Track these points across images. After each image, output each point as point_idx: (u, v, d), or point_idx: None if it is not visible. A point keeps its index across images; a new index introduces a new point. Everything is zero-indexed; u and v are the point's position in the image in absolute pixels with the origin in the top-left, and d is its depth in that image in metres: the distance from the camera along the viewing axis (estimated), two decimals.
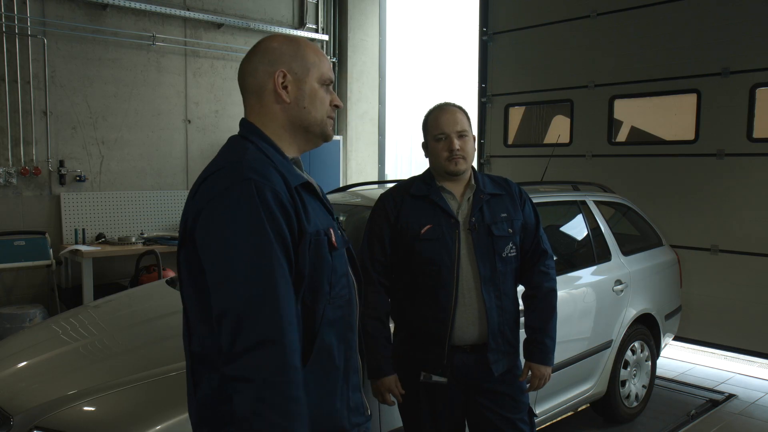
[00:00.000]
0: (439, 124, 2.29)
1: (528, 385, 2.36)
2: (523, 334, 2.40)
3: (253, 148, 1.40)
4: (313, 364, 1.38)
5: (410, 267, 2.26)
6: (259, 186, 1.29)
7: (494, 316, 2.22)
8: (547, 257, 2.37)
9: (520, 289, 2.41)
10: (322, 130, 1.50)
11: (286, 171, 1.38)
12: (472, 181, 2.31)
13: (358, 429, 1.51)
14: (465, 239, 2.22)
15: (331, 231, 1.43)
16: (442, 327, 2.20)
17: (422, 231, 2.22)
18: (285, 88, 1.44)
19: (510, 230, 2.27)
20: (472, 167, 2.37)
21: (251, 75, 1.47)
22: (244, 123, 1.49)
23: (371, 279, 2.26)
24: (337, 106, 1.52)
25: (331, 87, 1.52)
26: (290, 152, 1.47)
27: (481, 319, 2.22)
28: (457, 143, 2.24)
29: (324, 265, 1.39)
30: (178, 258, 1.41)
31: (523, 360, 2.37)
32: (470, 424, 2.36)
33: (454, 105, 2.35)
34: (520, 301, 2.40)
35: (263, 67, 1.45)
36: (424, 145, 2.39)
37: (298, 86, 1.45)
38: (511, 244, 2.27)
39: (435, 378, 2.24)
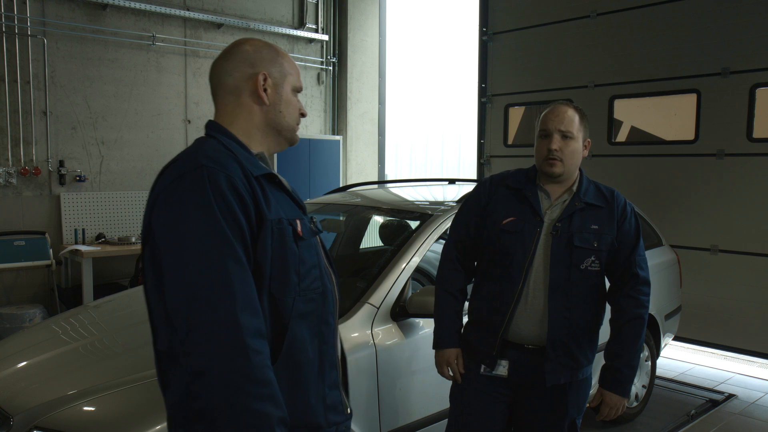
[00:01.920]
0: (545, 120, 2.19)
1: (598, 412, 2.29)
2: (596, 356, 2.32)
3: (214, 142, 1.41)
4: (284, 358, 1.36)
5: (487, 254, 2.26)
6: (212, 171, 1.29)
7: (557, 326, 2.14)
8: (639, 282, 2.21)
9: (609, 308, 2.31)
10: (292, 136, 1.54)
11: (247, 161, 1.38)
12: (574, 187, 2.22)
13: (336, 428, 1.49)
14: (544, 241, 2.16)
15: (298, 222, 1.42)
16: (499, 318, 2.18)
17: (504, 221, 2.20)
18: (265, 90, 1.47)
19: (595, 244, 2.16)
20: (581, 171, 2.27)
21: (229, 75, 1.48)
22: (210, 123, 1.50)
23: (450, 256, 2.32)
24: (303, 114, 1.56)
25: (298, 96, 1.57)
26: (257, 150, 1.48)
27: (542, 323, 2.16)
28: (556, 143, 2.13)
29: (289, 254, 1.37)
30: (143, 255, 1.38)
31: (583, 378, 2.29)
32: (514, 420, 2.32)
33: (570, 105, 2.22)
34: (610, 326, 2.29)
35: (244, 68, 1.47)
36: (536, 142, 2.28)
37: (276, 90, 1.48)
38: (593, 258, 2.16)
39: (495, 372, 2.22)
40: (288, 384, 1.36)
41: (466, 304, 2.37)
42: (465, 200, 2.40)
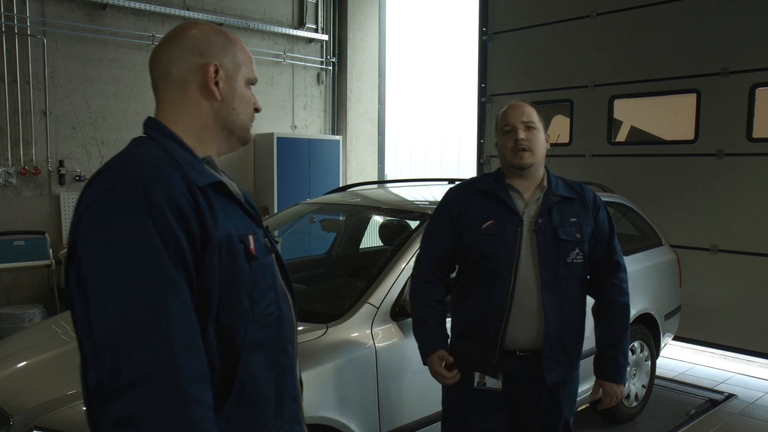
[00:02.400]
0: (505, 117, 2.22)
1: (599, 402, 2.30)
2: (586, 346, 2.32)
3: (151, 145, 1.21)
4: (236, 396, 1.18)
5: (469, 262, 2.21)
6: (148, 184, 1.10)
7: (552, 323, 2.13)
8: (620, 270, 2.27)
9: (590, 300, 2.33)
10: (245, 135, 1.35)
11: (191, 169, 1.18)
12: (544, 183, 2.24)
13: None
14: (528, 239, 2.15)
15: (251, 238, 1.23)
16: (495, 325, 2.14)
17: (483, 226, 2.17)
18: (216, 84, 1.27)
19: (578, 235, 2.18)
20: (547, 169, 2.29)
21: (174, 64, 1.27)
22: (149, 121, 1.29)
23: (423, 271, 2.26)
24: (257, 109, 1.37)
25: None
26: (205, 152, 1.29)
27: (539, 323, 2.14)
28: (522, 134, 2.15)
29: (240, 276, 1.19)
30: (67, 277, 1.17)
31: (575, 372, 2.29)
32: (512, 425, 2.30)
33: (525, 102, 2.27)
34: (592, 316, 2.31)
35: (191, 57, 1.27)
36: (497, 144, 2.29)
37: (229, 84, 1.29)
38: (577, 250, 2.18)
39: (490, 384, 2.18)
40: (242, 426, 1.20)
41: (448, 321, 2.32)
42: (435, 212, 2.34)
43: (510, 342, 2.15)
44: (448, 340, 2.27)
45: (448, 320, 2.31)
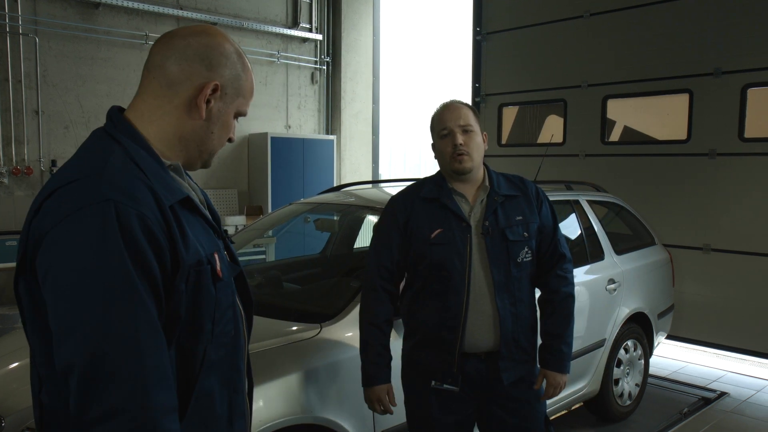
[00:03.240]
0: (442, 120, 2.18)
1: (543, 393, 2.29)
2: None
3: (119, 153, 1.12)
4: (191, 416, 1.15)
5: (421, 272, 2.17)
6: (121, 209, 1.03)
7: (508, 324, 2.13)
8: (565, 261, 2.27)
9: (538, 293, 2.33)
10: (209, 160, 1.28)
11: (159, 184, 1.12)
12: (486, 182, 2.22)
13: None
14: (477, 244, 2.13)
15: (216, 257, 1.19)
16: (452, 333, 2.12)
17: (432, 235, 2.13)
18: (208, 102, 1.19)
19: (525, 234, 2.17)
20: (486, 166, 2.26)
21: (178, 62, 1.18)
22: (115, 115, 1.19)
23: (374, 285, 2.20)
24: (230, 140, 1.30)
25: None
26: (171, 160, 1.22)
27: (495, 326, 2.13)
28: (460, 138, 2.13)
29: (206, 300, 1.16)
30: (16, 289, 1.13)
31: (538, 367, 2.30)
32: (480, 419, 2.29)
33: (459, 101, 2.23)
34: (537, 307, 2.31)
35: (199, 65, 1.18)
36: (433, 146, 2.26)
37: (219, 107, 1.21)
38: (526, 249, 2.17)
39: (446, 386, 2.16)
40: None
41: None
42: (379, 223, 2.30)
43: (469, 346, 2.15)
44: (404, 348, 2.27)
45: (400, 325, 2.31)
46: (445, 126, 2.17)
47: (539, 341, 2.31)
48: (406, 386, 2.28)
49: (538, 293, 2.32)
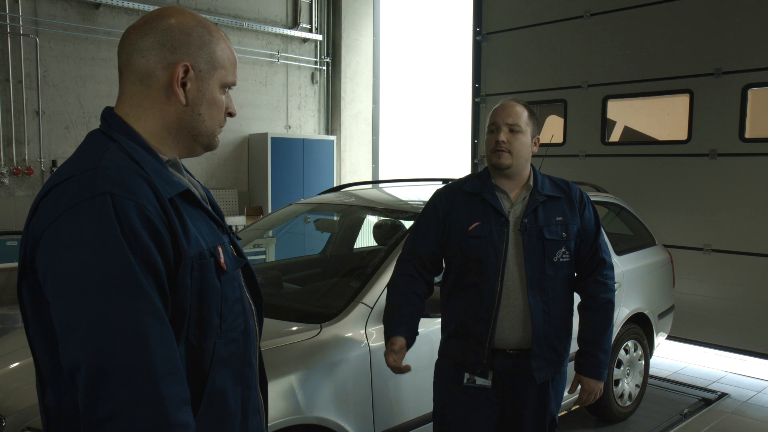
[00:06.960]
0: (493, 115, 2.23)
1: (577, 398, 2.30)
2: (574, 344, 2.33)
3: (115, 149, 1.10)
4: (204, 412, 1.14)
5: (457, 264, 2.21)
6: (119, 201, 1.01)
7: (539, 321, 2.15)
8: (606, 266, 2.28)
9: (577, 297, 2.33)
10: (210, 141, 1.23)
11: (158, 178, 1.10)
12: (530, 182, 2.24)
13: None
14: (514, 240, 2.16)
15: (220, 249, 1.17)
16: (483, 325, 2.15)
17: (470, 227, 2.17)
18: (183, 85, 1.15)
19: (564, 234, 2.19)
20: (533, 167, 2.29)
21: (141, 55, 1.14)
22: (109, 115, 1.17)
23: (406, 269, 2.24)
24: (231, 114, 1.25)
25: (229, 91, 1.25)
26: (167, 155, 1.19)
27: (526, 322, 2.15)
28: (503, 135, 2.16)
29: (211, 293, 1.14)
30: (20, 292, 1.11)
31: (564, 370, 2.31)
32: (499, 425, 2.31)
33: (516, 101, 2.26)
34: (575, 310, 2.32)
35: (161, 51, 1.14)
36: (486, 141, 2.30)
37: (198, 87, 1.17)
38: (563, 249, 2.19)
39: (479, 381, 2.19)
40: None
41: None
42: (421, 213, 2.34)
43: (499, 342, 2.17)
44: (440, 340, 2.29)
45: (437, 321, 2.33)
46: (494, 121, 2.23)
47: (575, 347, 2.30)
48: (438, 381, 2.31)
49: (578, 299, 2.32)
